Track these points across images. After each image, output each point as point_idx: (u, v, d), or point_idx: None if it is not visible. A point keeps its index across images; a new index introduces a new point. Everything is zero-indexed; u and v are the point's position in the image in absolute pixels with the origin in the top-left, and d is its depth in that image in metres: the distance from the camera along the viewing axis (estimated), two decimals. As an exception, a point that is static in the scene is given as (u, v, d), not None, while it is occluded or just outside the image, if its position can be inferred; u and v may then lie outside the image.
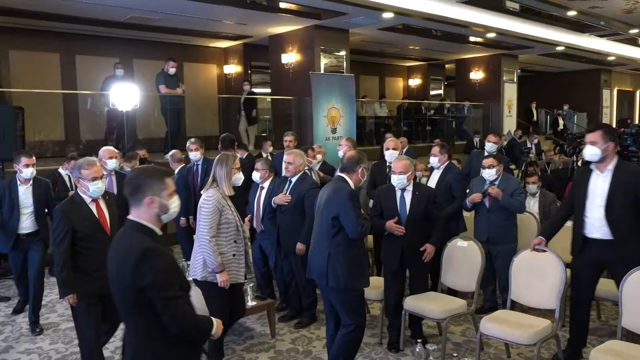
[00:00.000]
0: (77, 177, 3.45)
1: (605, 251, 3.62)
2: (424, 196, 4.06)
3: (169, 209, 2.15)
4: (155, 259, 2.00)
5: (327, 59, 10.29)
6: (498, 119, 14.38)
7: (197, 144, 5.92)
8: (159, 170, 2.20)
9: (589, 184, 3.69)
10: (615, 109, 19.69)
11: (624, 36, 12.95)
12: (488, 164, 4.72)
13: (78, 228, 3.38)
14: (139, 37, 10.71)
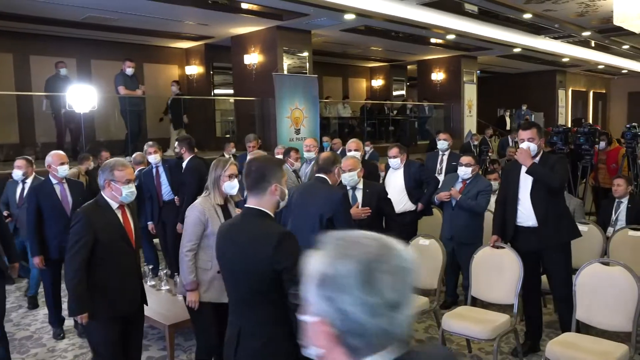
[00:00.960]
0: (108, 180, 2.99)
1: (533, 239, 3.83)
2: (375, 193, 4.09)
3: (286, 195, 2.30)
4: (293, 243, 2.10)
5: (290, 59, 10.29)
6: (459, 119, 14.67)
7: (155, 146, 5.78)
8: (276, 159, 2.41)
9: (519, 177, 3.89)
10: (570, 109, 20.36)
11: (577, 38, 13.40)
12: (466, 162, 4.81)
13: (100, 236, 2.93)
14: (96, 37, 10.46)
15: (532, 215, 3.83)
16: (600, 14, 10.63)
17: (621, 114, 22.01)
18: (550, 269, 3.95)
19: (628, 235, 4.41)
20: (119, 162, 3.10)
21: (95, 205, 3.03)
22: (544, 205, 3.78)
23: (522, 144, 3.86)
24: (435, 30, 10.93)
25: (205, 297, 3.18)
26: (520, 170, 3.90)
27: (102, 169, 3.06)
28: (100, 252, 2.94)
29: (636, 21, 8.60)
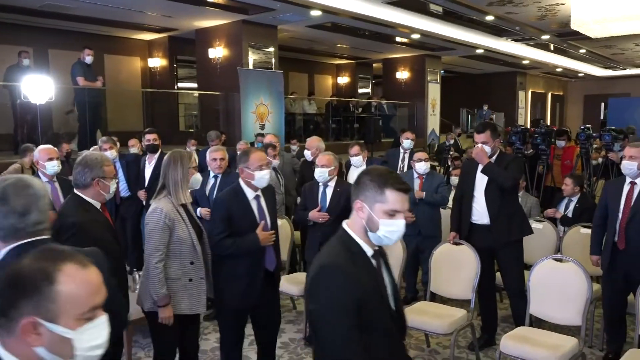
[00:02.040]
0: (98, 177, 2.67)
1: (487, 236, 3.94)
2: (344, 192, 4.09)
3: None
4: None
5: (256, 54, 10.22)
6: (423, 117, 14.88)
7: (109, 142, 5.53)
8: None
9: (476, 175, 4.00)
10: (530, 110, 20.94)
11: (536, 41, 13.78)
12: (423, 157, 4.94)
13: (100, 245, 2.43)
14: (55, 26, 10.14)
15: (486, 213, 3.94)
16: (559, 18, 10.96)
17: (577, 115, 22.78)
18: (503, 265, 4.07)
19: (580, 233, 4.57)
20: (105, 157, 2.81)
21: (83, 210, 2.65)
22: (497, 204, 3.89)
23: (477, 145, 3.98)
24: (400, 29, 11.05)
25: (176, 310, 2.90)
26: (477, 169, 4.00)
27: (89, 166, 2.68)
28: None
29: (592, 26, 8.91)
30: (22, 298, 1.07)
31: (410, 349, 4.15)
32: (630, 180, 3.72)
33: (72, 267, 1.11)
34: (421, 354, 4.08)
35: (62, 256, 1.12)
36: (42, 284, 1.07)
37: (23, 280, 1.08)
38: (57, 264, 1.10)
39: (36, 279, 1.07)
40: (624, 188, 3.73)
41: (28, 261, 1.10)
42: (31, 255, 1.12)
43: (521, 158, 4.80)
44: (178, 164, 2.96)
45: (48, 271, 1.08)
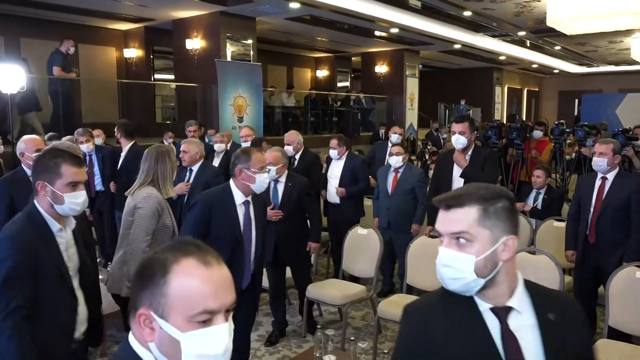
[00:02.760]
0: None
1: None
2: (296, 187, 4.03)
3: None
4: None
5: (234, 46, 10.12)
6: (401, 111, 14.96)
7: (86, 134, 5.43)
8: None
9: (453, 167, 4.04)
10: (506, 105, 21.23)
11: (513, 37, 13.95)
12: (395, 151, 4.96)
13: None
14: (27, 14, 9.89)
15: None
16: (535, 15, 11.11)
17: (552, 111, 23.17)
18: None
19: (553, 226, 4.66)
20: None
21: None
22: None
23: (453, 136, 4.00)
24: (379, 23, 11.06)
25: None
26: (453, 165, 4.04)
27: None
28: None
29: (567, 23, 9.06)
30: (142, 288, 1.02)
31: (387, 341, 4.20)
32: (601, 176, 3.80)
33: (191, 262, 1.01)
34: (397, 346, 4.12)
35: (187, 249, 1.03)
36: (157, 274, 1.01)
37: (145, 269, 1.03)
38: (177, 256, 1.01)
39: (155, 269, 1.01)
40: (595, 183, 3.81)
41: (159, 251, 1.06)
42: (165, 245, 1.09)
43: (496, 152, 4.86)
44: (166, 159, 3.08)
45: (166, 262, 1.01)
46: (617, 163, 3.79)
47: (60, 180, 2.03)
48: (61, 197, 2.03)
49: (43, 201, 2.05)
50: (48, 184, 2.02)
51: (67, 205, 2.05)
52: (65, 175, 2.04)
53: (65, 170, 2.04)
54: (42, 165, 2.06)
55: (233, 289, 1.05)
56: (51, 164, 2.03)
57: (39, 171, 2.06)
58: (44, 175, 2.04)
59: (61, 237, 2.09)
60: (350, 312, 4.52)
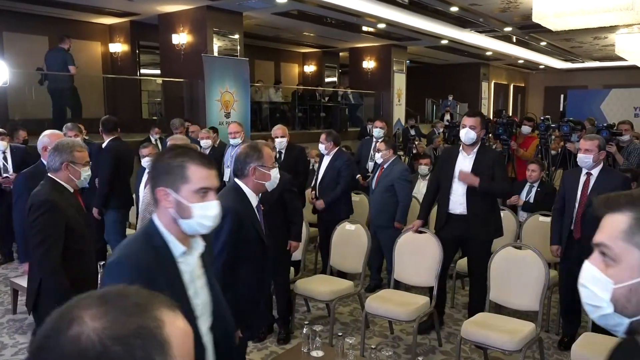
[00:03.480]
0: (67, 162, 2.73)
1: (462, 226, 3.98)
2: (279, 184, 3.99)
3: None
4: None
5: (221, 41, 10.05)
6: (389, 107, 14.98)
7: (75, 129, 5.39)
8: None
9: (456, 164, 4.01)
10: (492, 101, 21.36)
11: (499, 33, 14.02)
12: (377, 148, 5.03)
13: (72, 225, 2.68)
14: (10, 8, 9.72)
15: (462, 203, 3.96)
16: (521, 11, 11.17)
17: (538, 106, 23.36)
18: (472, 255, 4.11)
19: (539, 221, 4.70)
20: (77, 143, 2.88)
21: (54, 190, 2.69)
22: (478, 198, 3.91)
23: (462, 130, 3.95)
24: (367, 18, 11.05)
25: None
26: (456, 159, 4.00)
27: (58, 150, 2.75)
28: (72, 244, 2.63)
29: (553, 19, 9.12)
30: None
31: (375, 336, 4.21)
32: (586, 171, 3.84)
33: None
34: (385, 341, 4.14)
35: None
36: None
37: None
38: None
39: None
40: (580, 178, 3.85)
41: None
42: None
43: (502, 156, 4.88)
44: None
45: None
46: (602, 159, 3.83)
47: (188, 186, 1.57)
48: (188, 208, 1.57)
49: (164, 215, 1.60)
50: (172, 191, 1.57)
51: (196, 220, 1.59)
52: (194, 179, 1.58)
53: (194, 172, 1.58)
54: (163, 166, 1.59)
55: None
56: (174, 164, 1.58)
57: (158, 175, 1.60)
58: (165, 180, 1.58)
59: (185, 264, 1.62)
60: (338, 307, 4.53)
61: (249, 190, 2.70)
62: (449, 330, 4.32)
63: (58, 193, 2.69)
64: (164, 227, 1.60)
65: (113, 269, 1.54)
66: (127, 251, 1.58)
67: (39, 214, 2.58)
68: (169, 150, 1.67)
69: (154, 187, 1.59)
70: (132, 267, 1.50)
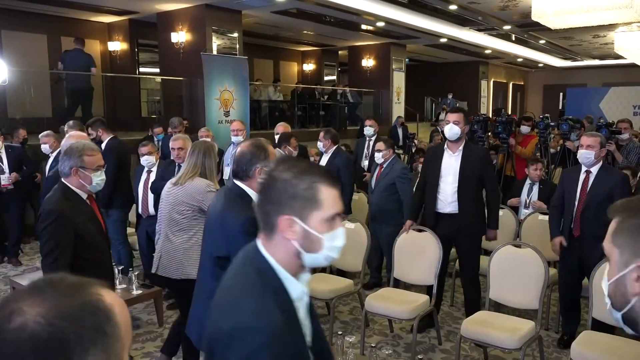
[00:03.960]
0: (75, 167, 2.58)
1: (452, 225, 4.00)
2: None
3: None
4: None
5: (220, 40, 10.04)
6: (388, 105, 14.98)
7: (76, 127, 5.42)
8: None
9: (442, 163, 4.03)
10: (491, 99, 21.37)
11: (498, 31, 14.02)
12: (377, 147, 5.00)
13: (82, 233, 2.55)
14: (8, 6, 9.70)
15: (451, 202, 4.00)
16: (520, 9, 11.17)
17: (537, 105, 23.37)
18: (462, 253, 4.15)
19: (538, 220, 4.71)
20: (88, 146, 2.70)
21: (64, 197, 2.57)
22: (468, 196, 3.96)
23: (447, 126, 3.99)
24: (366, 16, 11.05)
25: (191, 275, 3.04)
26: (442, 158, 4.04)
27: (68, 154, 2.63)
28: (82, 253, 2.52)
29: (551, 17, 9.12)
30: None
31: (374, 334, 4.22)
32: (585, 169, 3.84)
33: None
34: (385, 339, 4.15)
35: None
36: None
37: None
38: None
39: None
40: (580, 176, 3.85)
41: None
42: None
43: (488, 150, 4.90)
44: (211, 153, 3.25)
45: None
46: (602, 156, 3.83)
47: (319, 213, 1.25)
48: (319, 240, 1.25)
49: (282, 248, 1.26)
50: (299, 220, 1.23)
51: (324, 253, 1.27)
52: (327, 204, 1.25)
53: (327, 196, 1.26)
54: (286, 188, 1.24)
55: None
56: (302, 185, 1.24)
57: (280, 199, 1.24)
58: (291, 206, 1.23)
59: (302, 307, 1.32)
60: (337, 306, 4.54)
61: (252, 192, 2.32)
62: (449, 328, 4.33)
63: (67, 200, 2.58)
64: (280, 262, 1.25)
65: (247, 338, 1.12)
66: (253, 306, 1.17)
67: (46, 223, 2.50)
68: (289, 166, 1.27)
69: (276, 213, 1.23)
70: (271, 331, 1.12)
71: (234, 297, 1.22)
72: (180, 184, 3.22)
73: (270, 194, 1.25)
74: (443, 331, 4.22)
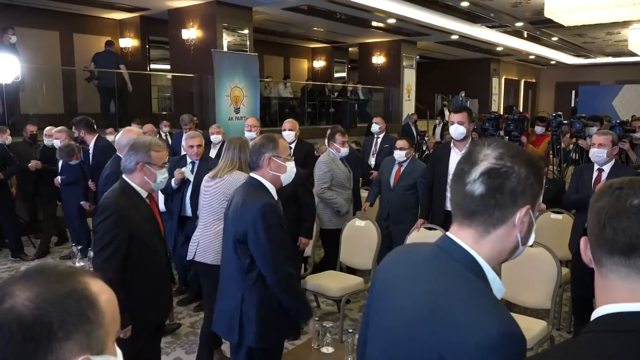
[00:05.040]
0: (142, 162, 2.49)
1: None
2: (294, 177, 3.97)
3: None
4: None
5: (230, 36, 10.05)
6: (398, 103, 14.93)
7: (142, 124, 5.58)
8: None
9: (449, 161, 4.01)
10: (503, 97, 21.22)
11: (510, 28, 13.91)
12: (399, 145, 4.91)
13: (137, 233, 2.46)
14: (21, 3, 9.77)
15: None
16: (533, 6, 11.07)
17: (549, 102, 23.17)
18: None
19: (550, 218, 4.66)
20: (155, 142, 2.59)
21: (123, 194, 2.48)
22: None
23: (452, 127, 3.97)
24: (376, 13, 11.00)
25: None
26: (449, 155, 4.02)
27: (134, 149, 2.51)
28: (137, 253, 2.44)
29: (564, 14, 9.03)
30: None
31: (384, 332, 4.20)
32: (597, 167, 3.80)
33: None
34: (394, 338, 4.13)
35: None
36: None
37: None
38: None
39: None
40: (592, 174, 3.81)
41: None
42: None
43: None
44: (246, 148, 3.35)
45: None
46: (615, 154, 3.79)
47: (537, 203, 1.15)
48: (530, 230, 1.14)
49: (500, 244, 1.13)
50: (530, 211, 1.12)
51: (523, 247, 1.17)
52: (538, 193, 1.15)
53: (538, 185, 1.15)
54: (517, 177, 1.09)
55: None
56: (527, 174, 1.10)
57: (520, 189, 1.09)
58: (526, 197, 1.10)
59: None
60: (347, 303, 4.53)
61: (268, 184, 2.51)
62: (459, 327, 4.30)
63: (126, 198, 2.48)
64: (487, 259, 1.12)
65: (512, 347, 1.00)
66: (502, 313, 1.03)
67: (101, 219, 2.42)
68: (503, 153, 1.10)
69: (514, 204, 1.08)
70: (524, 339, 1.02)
71: (470, 306, 1.04)
72: (219, 177, 3.37)
73: (505, 183, 1.08)
74: (453, 330, 4.19)
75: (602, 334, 0.92)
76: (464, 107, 4.14)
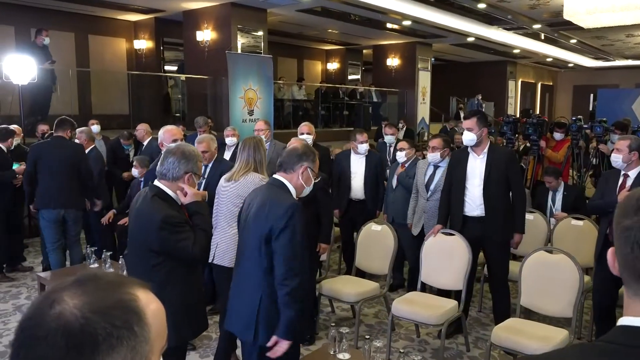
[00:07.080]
0: (191, 172, 2.47)
1: (480, 228, 3.88)
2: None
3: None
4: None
5: (245, 38, 10.03)
6: (413, 106, 14.81)
7: (205, 125, 5.97)
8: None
9: (467, 166, 3.94)
10: (519, 100, 20.97)
11: (527, 30, 13.72)
12: (400, 146, 4.93)
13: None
14: (37, 5, 9.85)
15: (479, 205, 3.89)
16: (551, 8, 10.90)
17: (566, 106, 22.88)
18: (491, 258, 4.03)
19: (571, 225, 4.55)
20: (199, 153, 2.58)
21: (166, 203, 2.40)
22: (494, 198, 3.84)
23: (463, 134, 3.94)
24: (391, 15, 10.92)
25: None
26: (467, 160, 3.93)
27: (186, 157, 2.44)
28: (178, 266, 2.41)
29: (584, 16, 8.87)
30: None
31: (400, 339, 4.12)
32: (623, 173, 3.71)
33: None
34: (411, 344, 4.05)
35: None
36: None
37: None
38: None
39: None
40: (619, 180, 3.72)
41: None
42: None
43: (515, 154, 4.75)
44: (260, 148, 3.42)
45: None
46: (634, 160, 3.67)
47: None
48: None
49: None
50: None
51: None
52: None
53: None
54: None
55: None
56: None
57: None
58: None
59: None
60: (362, 309, 4.45)
61: (292, 188, 2.51)
62: (477, 334, 4.21)
63: (171, 207, 2.41)
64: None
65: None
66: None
67: (167, 232, 2.34)
68: None
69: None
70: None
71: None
72: (234, 180, 3.39)
73: None
74: (471, 337, 4.10)
75: (612, 345, 0.89)
76: (475, 113, 4.02)
